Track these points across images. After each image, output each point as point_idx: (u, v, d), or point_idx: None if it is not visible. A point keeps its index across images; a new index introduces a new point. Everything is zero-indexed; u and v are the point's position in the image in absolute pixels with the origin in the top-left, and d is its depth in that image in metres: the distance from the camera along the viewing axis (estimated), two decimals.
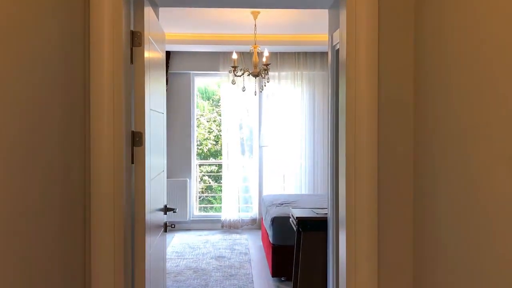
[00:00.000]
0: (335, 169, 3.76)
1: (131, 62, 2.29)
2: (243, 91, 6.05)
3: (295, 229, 4.34)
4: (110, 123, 2.09)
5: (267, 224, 5.78)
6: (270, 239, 5.43)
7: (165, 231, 3.12)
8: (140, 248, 2.35)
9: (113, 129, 2.10)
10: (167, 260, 6.11)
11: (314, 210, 4.51)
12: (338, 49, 3.70)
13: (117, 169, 2.11)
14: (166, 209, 3.11)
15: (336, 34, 3.60)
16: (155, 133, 2.69)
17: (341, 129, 2.37)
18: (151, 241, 2.62)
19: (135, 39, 2.30)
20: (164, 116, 3.08)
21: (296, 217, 4.23)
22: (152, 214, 2.67)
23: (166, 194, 3.18)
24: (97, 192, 2.10)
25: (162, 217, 3.03)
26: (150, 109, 2.50)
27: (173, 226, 3.14)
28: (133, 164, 2.33)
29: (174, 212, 3.10)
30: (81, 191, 2.09)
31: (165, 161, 3.17)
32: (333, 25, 3.74)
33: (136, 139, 2.32)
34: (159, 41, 2.90)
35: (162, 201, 3.06)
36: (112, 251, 2.12)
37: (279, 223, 5.32)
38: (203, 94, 9.84)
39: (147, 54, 2.39)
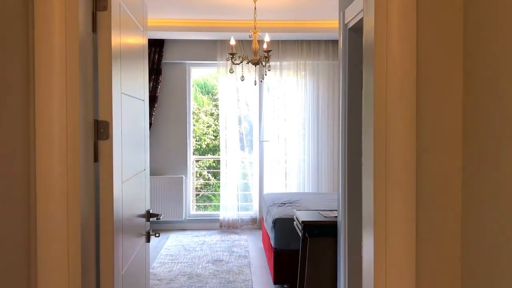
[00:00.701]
0: (347, 167, 3.28)
1: (94, 30, 1.78)
2: (242, 80, 5.55)
3: (300, 234, 3.85)
4: (61, 109, 1.58)
5: (268, 226, 5.29)
6: (272, 242, 4.94)
7: (148, 241, 2.63)
8: (107, 267, 1.85)
9: (66, 116, 1.58)
10: (159, 264, 5.65)
11: (321, 212, 4.02)
12: (351, 28, 3.21)
13: (72, 170, 1.59)
14: (149, 215, 2.62)
15: (350, 10, 3.10)
16: (130, 124, 2.18)
17: (366, 119, 1.87)
18: (125, 257, 2.12)
19: (99, 2, 1.78)
20: (145, 104, 2.57)
21: (302, 221, 3.72)
22: (128, 223, 2.17)
23: (149, 197, 2.68)
24: (44, 201, 1.59)
25: (143, 225, 2.53)
26: (122, 93, 1.99)
27: (157, 235, 2.66)
28: (97, 162, 1.82)
29: (157, 218, 2.60)
30: (24, 200, 1.58)
31: (147, 158, 2.66)
32: (345, 0, 3.25)
33: (101, 130, 1.81)
34: (138, 14, 2.39)
35: (144, 206, 2.56)
36: (65, 273, 1.62)
37: (282, 225, 4.83)
38: (202, 88, 9.36)
39: (116, 22, 1.87)
